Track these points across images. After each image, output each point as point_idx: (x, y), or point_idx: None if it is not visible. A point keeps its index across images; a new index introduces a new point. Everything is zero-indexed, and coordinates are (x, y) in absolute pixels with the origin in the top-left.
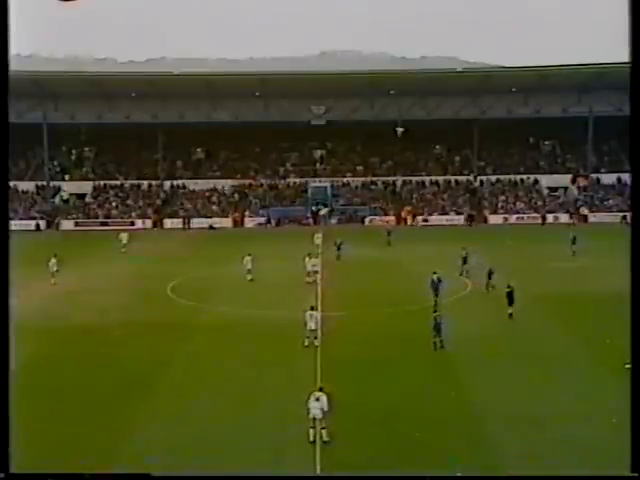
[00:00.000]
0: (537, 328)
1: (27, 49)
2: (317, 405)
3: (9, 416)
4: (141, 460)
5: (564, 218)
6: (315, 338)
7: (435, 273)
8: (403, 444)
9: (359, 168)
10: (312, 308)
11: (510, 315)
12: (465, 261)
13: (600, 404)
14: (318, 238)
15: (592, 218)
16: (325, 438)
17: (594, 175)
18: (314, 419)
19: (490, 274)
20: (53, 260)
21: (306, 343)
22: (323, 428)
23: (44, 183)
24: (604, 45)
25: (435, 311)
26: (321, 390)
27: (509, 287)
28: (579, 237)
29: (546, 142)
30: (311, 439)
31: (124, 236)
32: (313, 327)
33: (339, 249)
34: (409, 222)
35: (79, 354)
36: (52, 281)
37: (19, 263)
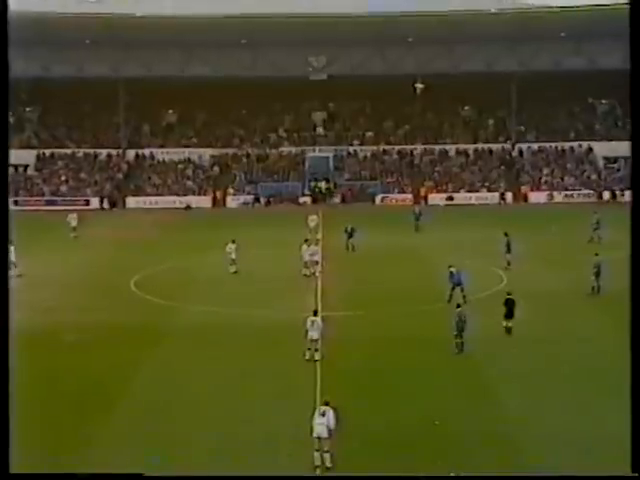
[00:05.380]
0: (582, 330)
1: None
2: (322, 421)
3: (9, 418)
4: None
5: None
6: (316, 350)
7: (451, 266)
8: (422, 473)
9: (368, 134)
10: (315, 313)
11: (508, 330)
12: (509, 249)
13: None
14: (313, 221)
15: None
16: (328, 464)
17: None
18: (319, 438)
19: (598, 270)
20: None
21: (307, 356)
22: (326, 452)
23: None
24: None
25: (458, 306)
26: (327, 404)
27: (509, 295)
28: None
29: (603, 101)
30: (317, 463)
31: (73, 218)
32: (315, 337)
33: (351, 236)
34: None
35: (21, 365)
36: None
37: None
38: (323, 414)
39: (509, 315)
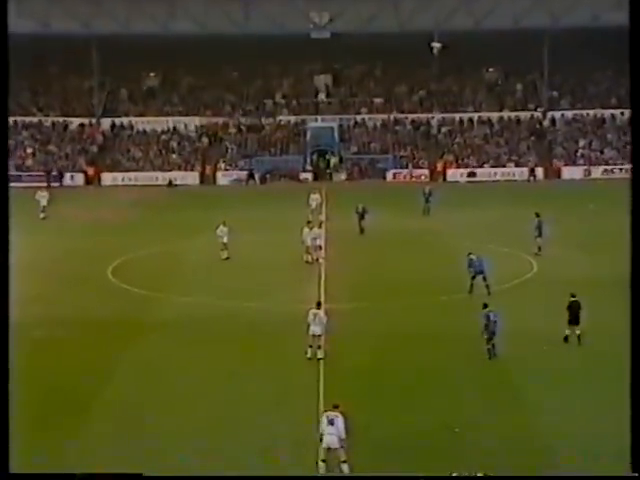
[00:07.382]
0: (623, 325)
1: None
2: (332, 431)
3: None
4: None
5: None
6: (319, 347)
7: (470, 254)
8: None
9: (378, 101)
10: (318, 305)
11: (577, 338)
12: (540, 233)
13: None
14: (315, 200)
15: None
16: (345, 473)
17: None
18: (328, 449)
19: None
20: None
21: (309, 354)
22: (344, 462)
23: None
24: None
25: (485, 306)
26: (336, 408)
27: (573, 297)
28: None
29: None
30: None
31: (43, 196)
32: (318, 332)
33: (362, 217)
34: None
35: None
36: None
37: None
38: (332, 422)
39: (574, 321)
